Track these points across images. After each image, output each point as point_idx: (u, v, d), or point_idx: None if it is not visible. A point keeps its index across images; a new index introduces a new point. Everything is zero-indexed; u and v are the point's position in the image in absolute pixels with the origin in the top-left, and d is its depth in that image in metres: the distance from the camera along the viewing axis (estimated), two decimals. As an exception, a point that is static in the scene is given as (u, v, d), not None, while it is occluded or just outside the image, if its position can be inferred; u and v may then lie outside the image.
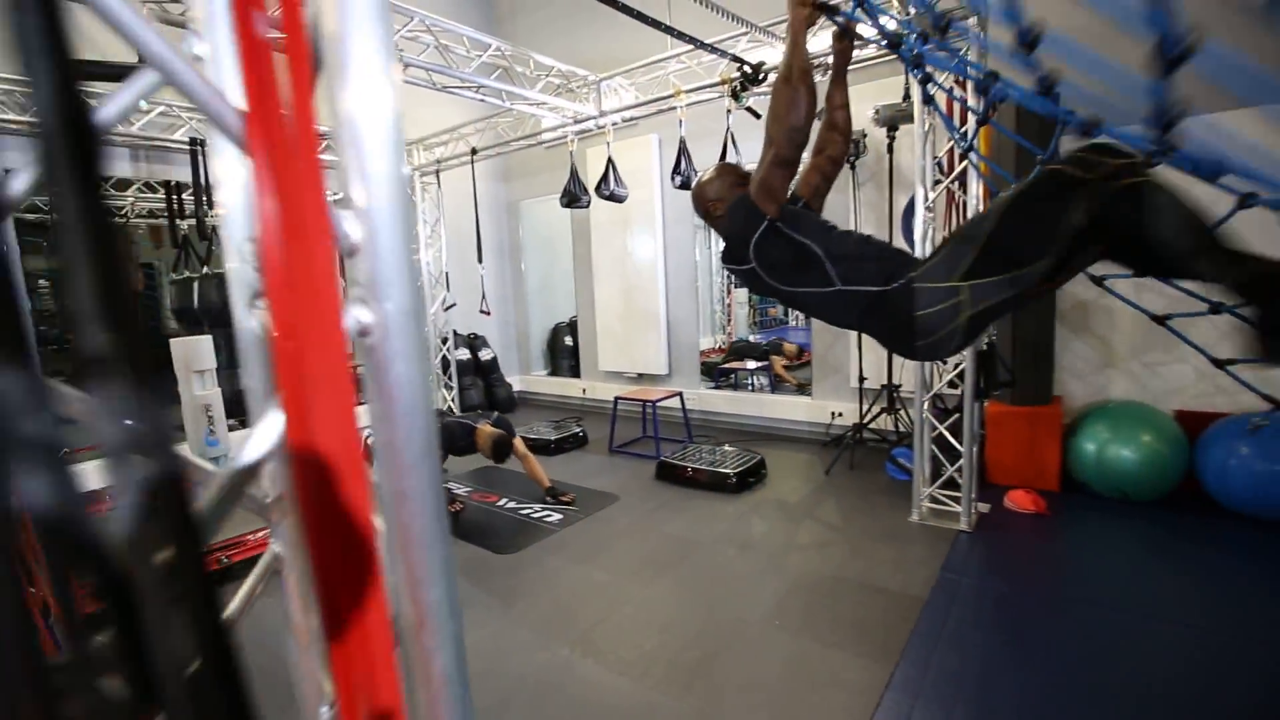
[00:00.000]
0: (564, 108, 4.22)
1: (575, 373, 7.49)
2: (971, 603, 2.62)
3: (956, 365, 3.36)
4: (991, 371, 3.20)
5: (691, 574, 2.99)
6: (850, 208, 4.54)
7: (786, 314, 9.63)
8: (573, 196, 4.55)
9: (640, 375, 6.13)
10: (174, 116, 4.44)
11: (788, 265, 1.63)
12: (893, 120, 3.89)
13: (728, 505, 3.84)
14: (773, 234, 1.62)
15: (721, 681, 2.19)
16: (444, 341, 6.25)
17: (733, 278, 8.88)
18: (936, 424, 3.43)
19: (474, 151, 5.20)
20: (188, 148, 4.43)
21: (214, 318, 4.50)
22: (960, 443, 3.31)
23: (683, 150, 4.00)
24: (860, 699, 2.06)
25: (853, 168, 4.37)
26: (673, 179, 4.06)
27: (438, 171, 5.58)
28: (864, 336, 4.48)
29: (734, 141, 3.94)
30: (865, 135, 4.27)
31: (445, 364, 6.26)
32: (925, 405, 3.44)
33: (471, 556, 3.30)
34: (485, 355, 6.62)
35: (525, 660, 2.37)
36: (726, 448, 4.53)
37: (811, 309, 1.76)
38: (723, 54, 3.55)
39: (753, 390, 6.26)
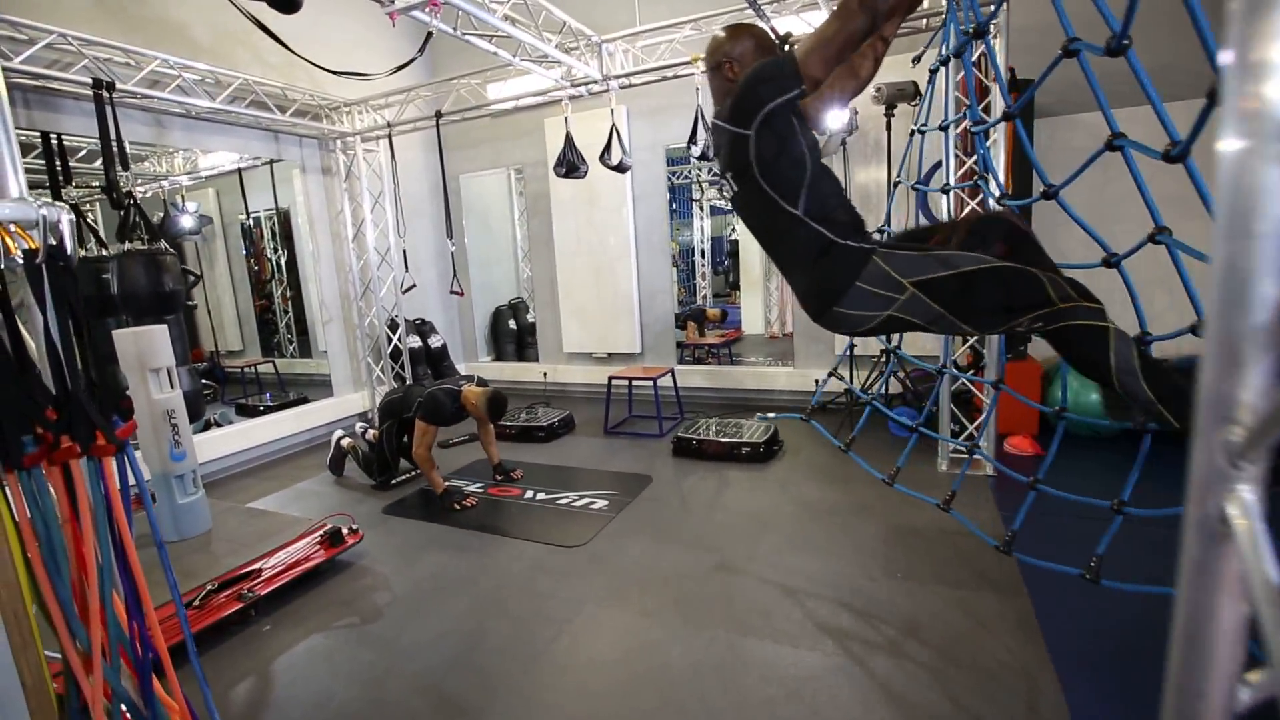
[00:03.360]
0: (573, 67, 3.93)
1: (521, 357, 7.13)
2: (1045, 531, 2.92)
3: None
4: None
5: (788, 543, 3.01)
6: (842, 174, 4.73)
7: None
8: (570, 166, 4.28)
9: (610, 355, 5.98)
10: (64, 50, 3.50)
11: (776, 157, 1.50)
12: (893, 99, 4.12)
13: (765, 474, 3.90)
14: (789, 112, 1.48)
15: (888, 639, 2.25)
16: (393, 328, 5.64)
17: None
18: (962, 377, 3.73)
19: (439, 115, 4.69)
20: (90, 91, 3.55)
21: (142, 307, 3.65)
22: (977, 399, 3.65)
23: (698, 120, 3.93)
24: (1024, 633, 2.22)
25: (844, 145, 4.56)
26: (689, 147, 3.97)
27: (390, 136, 4.97)
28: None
29: (704, 123, 3.94)
30: (857, 113, 4.46)
31: (396, 353, 5.65)
32: (950, 364, 3.72)
33: (538, 554, 3.05)
34: (435, 342, 6.07)
35: (673, 651, 2.25)
36: (735, 421, 4.58)
37: (763, 217, 1.61)
38: (760, 13, 3.50)
39: (721, 364, 6.37)
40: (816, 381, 5.12)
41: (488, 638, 2.41)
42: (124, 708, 1.32)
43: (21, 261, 1.14)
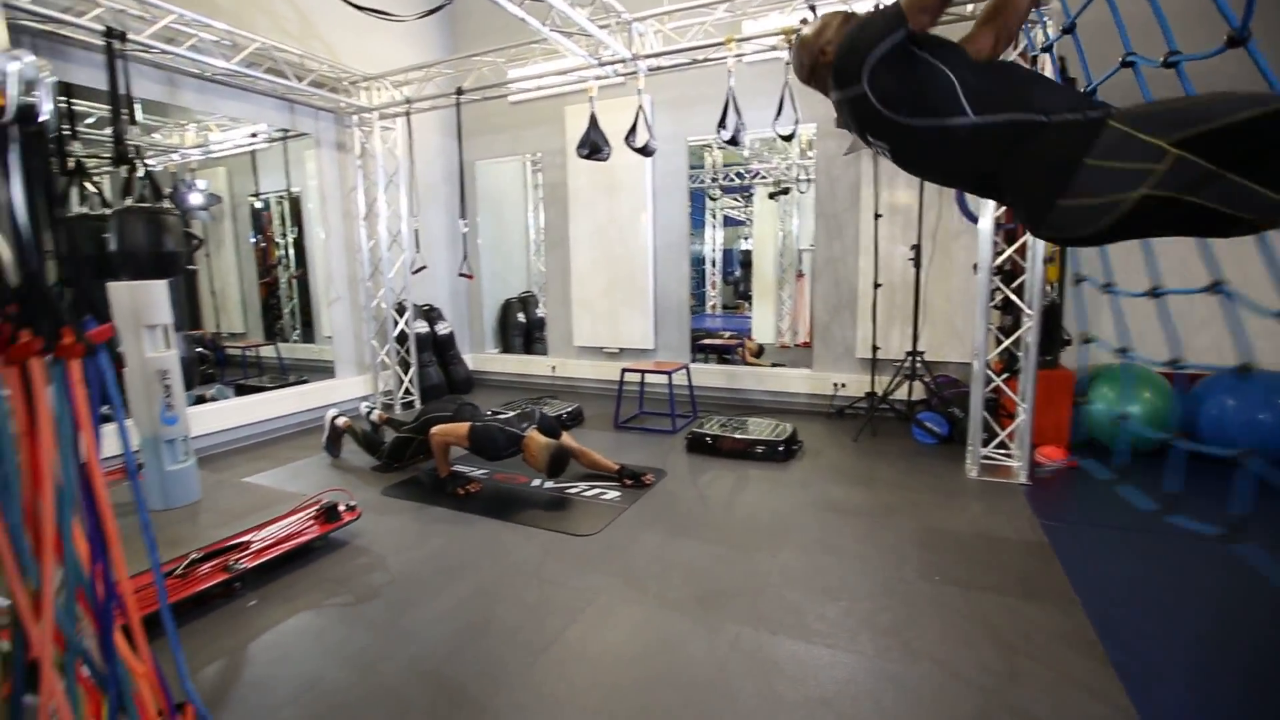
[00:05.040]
0: (602, 42, 3.79)
1: (528, 350, 6.96)
2: (1092, 543, 2.73)
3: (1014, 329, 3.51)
4: (1054, 331, 3.36)
5: (812, 542, 2.81)
6: (871, 180, 4.59)
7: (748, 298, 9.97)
8: (594, 147, 4.14)
9: (622, 350, 5.80)
10: (78, -4, 3.38)
11: (908, 93, 1.33)
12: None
13: (785, 474, 3.70)
14: (901, 52, 1.33)
15: (932, 644, 2.04)
16: (400, 312, 5.47)
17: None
18: (996, 379, 3.54)
19: (460, 91, 4.56)
20: (101, 41, 3.42)
21: (140, 266, 3.48)
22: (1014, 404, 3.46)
23: (730, 104, 3.78)
24: (1081, 644, 2.02)
25: (875, 138, 4.42)
26: (719, 131, 3.82)
27: (409, 114, 4.83)
28: (877, 305, 4.57)
29: (735, 107, 3.80)
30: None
31: (403, 338, 5.47)
32: (983, 366, 3.54)
33: (547, 541, 2.85)
34: (442, 329, 5.90)
35: (696, 647, 2.05)
36: (750, 420, 4.39)
37: (926, 151, 1.40)
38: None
39: (735, 365, 6.19)
40: (835, 385, 4.95)
41: (492, 624, 2.21)
42: (80, 663, 1.13)
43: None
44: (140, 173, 3.49)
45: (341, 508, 2.92)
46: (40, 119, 1.00)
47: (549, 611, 2.28)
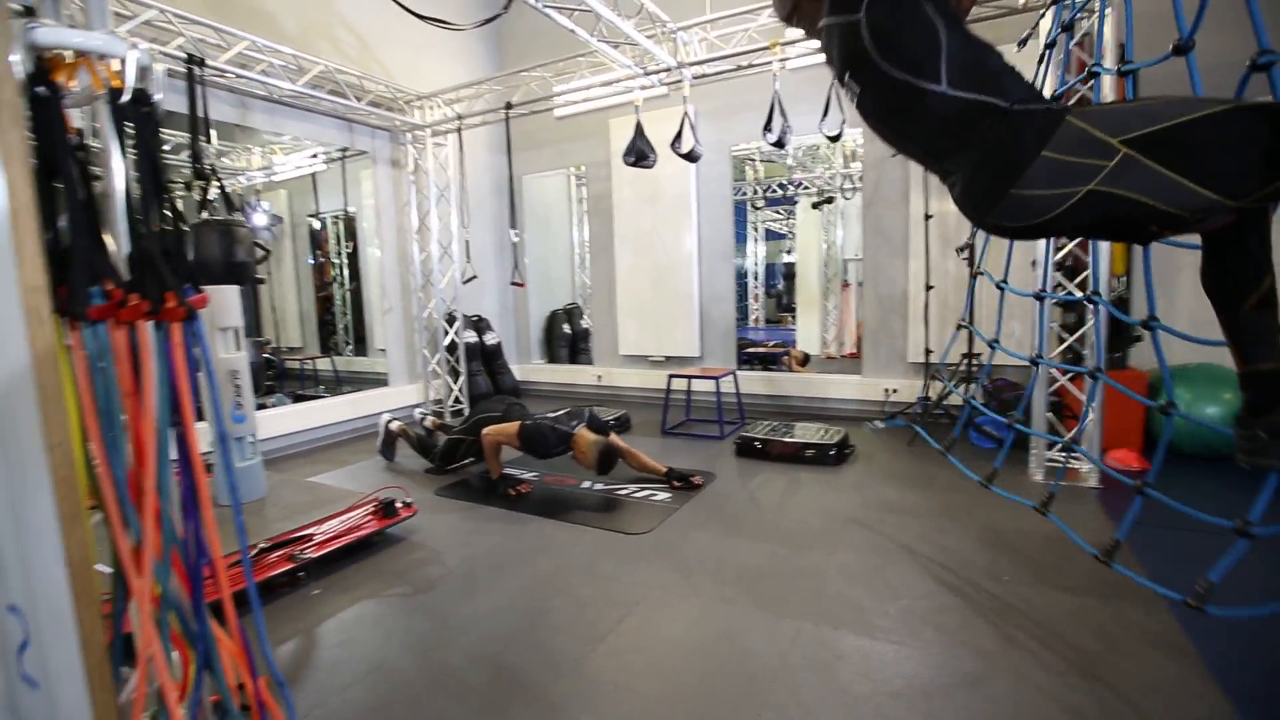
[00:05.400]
0: (649, 51, 3.86)
1: (574, 361, 7.03)
2: (1173, 545, 2.57)
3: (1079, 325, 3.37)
4: (1122, 326, 3.22)
5: (870, 542, 2.73)
6: (921, 182, 4.51)
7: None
8: (639, 154, 4.20)
9: (668, 359, 5.81)
10: (162, 27, 3.63)
11: (897, 36, 1.27)
12: (982, 87, 3.89)
13: (837, 477, 3.62)
14: None
15: (1003, 644, 1.95)
16: (450, 322, 5.61)
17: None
18: (1060, 379, 3.40)
19: (509, 105, 4.70)
20: (183, 68, 3.65)
21: (214, 274, 3.68)
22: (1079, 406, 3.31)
23: (775, 107, 3.79)
24: (1173, 649, 1.90)
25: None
26: (764, 134, 3.83)
27: (459, 130, 5.00)
28: (929, 309, 4.46)
29: (780, 109, 3.79)
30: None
31: (453, 347, 5.61)
32: (1042, 367, 3.40)
33: (599, 539, 2.85)
34: (490, 340, 6.02)
35: (755, 640, 2.01)
36: (799, 424, 4.32)
37: (890, 108, 1.35)
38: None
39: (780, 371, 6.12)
40: (886, 391, 4.84)
41: (548, 616, 2.21)
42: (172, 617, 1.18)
43: (106, 99, 1.05)
44: (214, 188, 3.71)
45: (398, 504, 2.99)
46: (152, 101, 1.08)
47: (604, 605, 2.27)
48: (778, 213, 11.06)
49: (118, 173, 1.07)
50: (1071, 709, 1.63)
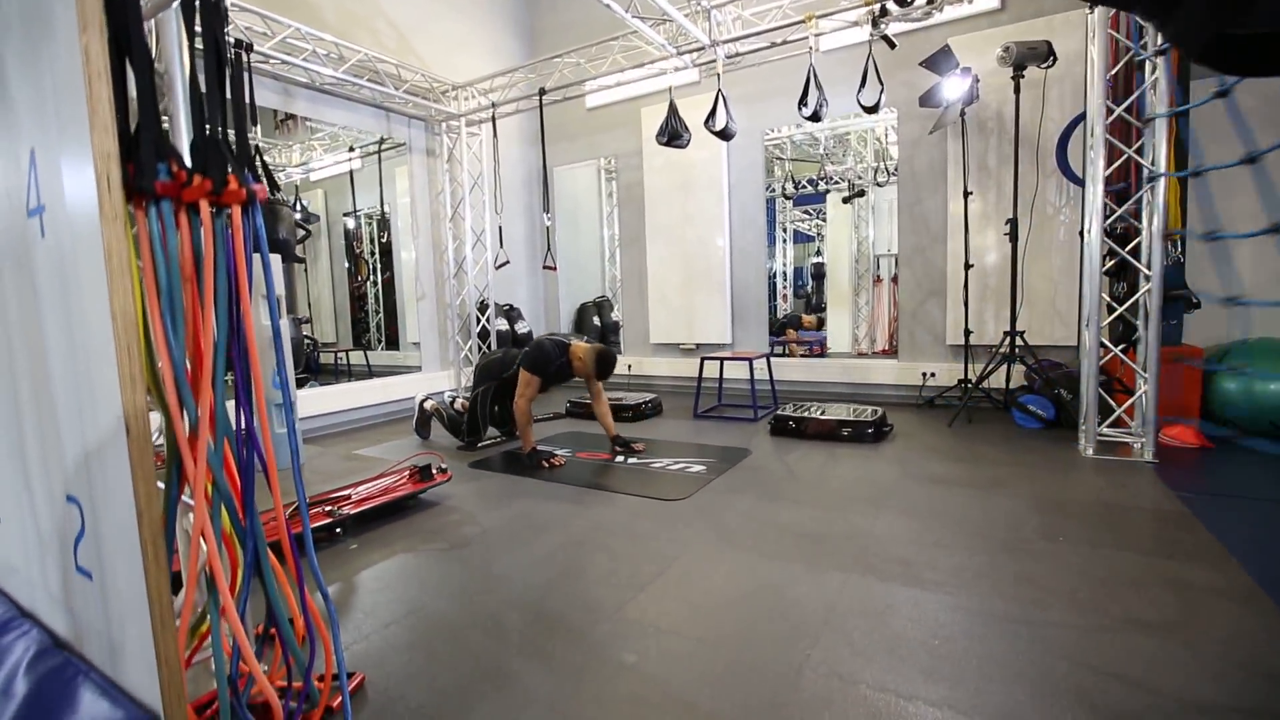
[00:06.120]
0: (683, 27, 3.87)
1: (603, 354, 7.03)
2: (1244, 514, 2.44)
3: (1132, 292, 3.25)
4: (1178, 291, 3.09)
5: (914, 507, 2.65)
6: (959, 158, 4.43)
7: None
8: (673, 133, 4.20)
9: (699, 346, 5.77)
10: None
11: None
12: (1023, 60, 3.82)
13: (878, 452, 3.53)
14: None
15: (1065, 595, 1.86)
16: (483, 310, 5.66)
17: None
18: (1113, 349, 3.28)
19: (542, 91, 4.75)
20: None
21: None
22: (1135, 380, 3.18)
23: (811, 80, 3.76)
24: (1252, 602, 1.79)
25: (963, 116, 4.28)
26: (800, 108, 3.80)
27: (494, 118, 5.07)
28: (968, 287, 4.35)
29: (816, 82, 3.74)
30: (978, 81, 4.18)
31: (484, 335, 5.65)
32: (1096, 335, 3.29)
33: (636, 505, 2.82)
34: (521, 329, 6.06)
35: (800, 590, 1.94)
36: (834, 406, 4.23)
37: None
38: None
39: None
40: (924, 375, 4.74)
41: (587, 569, 2.18)
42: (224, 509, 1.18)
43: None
44: (259, 168, 3.81)
45: (434, 469, 3.00)
46: (216, -6, 1.10)
47: (643, 559, 2.23)
48: (806, 213, 10.99)
49: (183, 60, 1.09)
50: (1149, 653, 1.54)
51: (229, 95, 1.13)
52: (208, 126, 1.11)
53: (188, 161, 1.12)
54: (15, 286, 1.26)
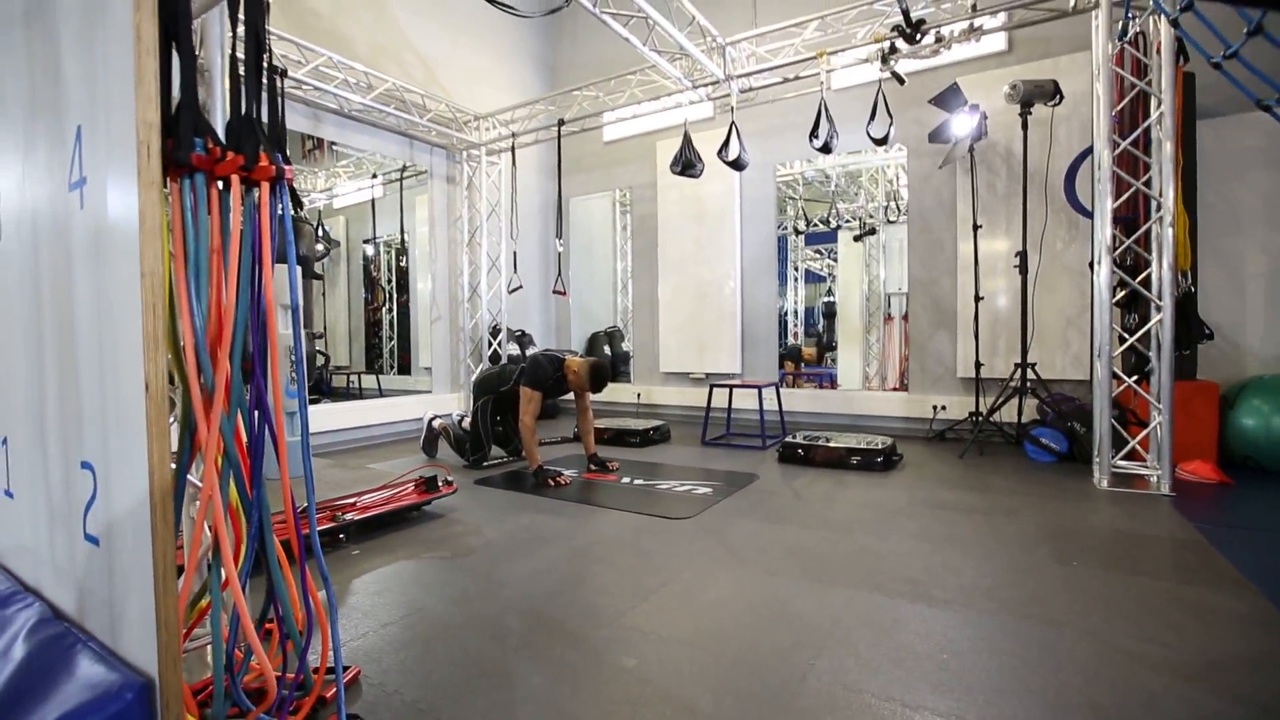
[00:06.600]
0: (698, 61, 4.02)
1: (613, 381, 7.04)
2: (1262, 544, 2.38)
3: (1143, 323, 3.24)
4: (1191, 323, 3.08)
5: (924, 531, 2.60)
6: (968, 193, 4.50)
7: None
8: (687, 163, 4.31)
9: (708, 375, 5.77)
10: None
11: None
12: (1030, 97, 3.91)
13: (887, 480, 3.49)
14: None
15: (1078, 616, 1.81)
16: (495, 334, 5.73)
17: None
18: (1127, 380, 3.25)
19: (561, 123, 4.91)
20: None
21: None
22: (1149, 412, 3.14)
23: (822, 113, 3.87)
24: (1271, 628, 1.73)
25: (971, 152, 4.36)
26: (811, 140, 3.89)
27: (513, 148, 5.24)
28: (980, 320, 4.35)
29: (828, 115, 3.84)
30: (986, 117, 4.28)
31: (496, 358, 5.70)
32: (1108, 366, 3.26)
33: (640, 522, 2.79)
34: (532, 353, 6.10)
35: (805, 604, 1.90)
36: (843, 434, 4.20)
37: None
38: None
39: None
40: (935, 408, 4.70)
41: (589, 579, 2.16)
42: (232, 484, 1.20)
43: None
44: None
45: (440, 481, 3.00)
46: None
47: (647, 571, 2.21)
48: (818, 252, 11.10)
49: (224, 46, 1.15)
50: (1163, 662, 1.49)
51: (265, 81, 1.20)
52: (244, 107, 1.17)
53: (223, 140, 1.17)
54: (51, 261, 1.31)
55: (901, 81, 3.81)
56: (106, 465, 1.15)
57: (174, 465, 1.17)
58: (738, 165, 4.21)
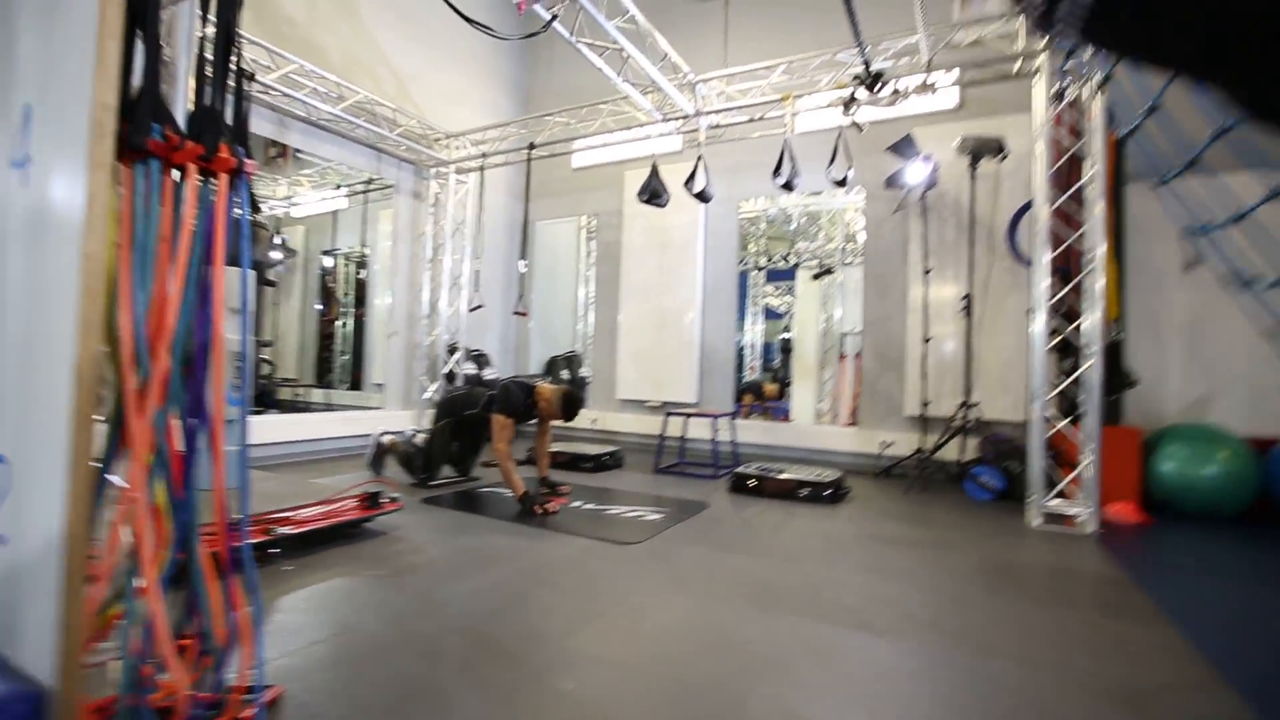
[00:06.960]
0: (669, 95, 4.14)
1: (570, 407, 7.00)
2: (1179, 582, 2.51)
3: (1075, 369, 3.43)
4: (1118, 370, 3.27)
5: (867, 563, 2.65)
6: (920, 238, 4.71)
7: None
8: (654, 192, 4.40)
9: (664, 404, 5.80)
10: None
11: None
12: (978, 151, 4.16)
13: (835, 513, 3.55)
14: None
15: (1009, 645, 1.87)
16: (452, 352, 5.65)
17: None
18: (1058, 425, 3.41)
19: (531, 146, 4.97)
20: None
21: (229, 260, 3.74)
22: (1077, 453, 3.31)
23: (786, 153, 4.02)
24: (1181, 656, 1.82)
25: (924, 200, 4.59)
26: (774, 177, 4.03)
27: (482, 168, 5.25)
28: (928, 360, 4.52)
29: (791, 156, 4.01)
30: (938, 168, 4.52)
31: (451, 377, 5.61)
32: (1042, 411, 3.43)
33: (589, 545, 2.76)
34: (489, 374, 6.03)
35: (749, 630, 1.91)
36: (793, 468, 4.27)
37: None
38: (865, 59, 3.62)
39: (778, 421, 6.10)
40: (882, 443, 4.83)
41: (532, 600, 2.11)
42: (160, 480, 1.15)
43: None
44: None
45: (383, 498, 2.91)
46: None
47: (592, 595, 2.18)
48: (777, 288, 11.37)
49: (191, 32, 1.14)
50: (1086, 688, 1.55)
51: (232, 77, 1.19)
52: (209, 99, 1.15)
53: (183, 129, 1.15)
54: (-20, 241, 1.25)
55: (860, 129, 4.01)
56: (25, 456, 1.09)
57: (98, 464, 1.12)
58: (703, 197, 4.32)
